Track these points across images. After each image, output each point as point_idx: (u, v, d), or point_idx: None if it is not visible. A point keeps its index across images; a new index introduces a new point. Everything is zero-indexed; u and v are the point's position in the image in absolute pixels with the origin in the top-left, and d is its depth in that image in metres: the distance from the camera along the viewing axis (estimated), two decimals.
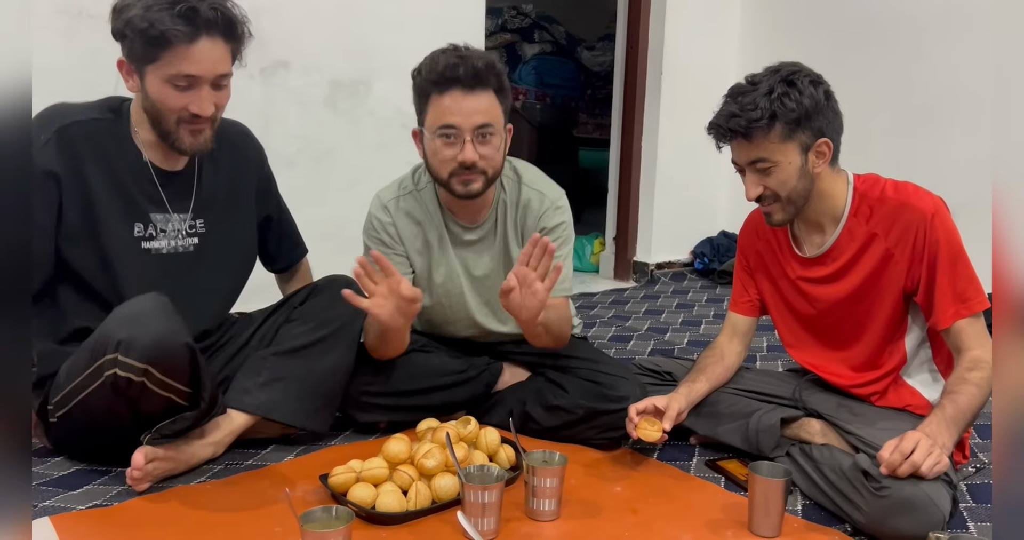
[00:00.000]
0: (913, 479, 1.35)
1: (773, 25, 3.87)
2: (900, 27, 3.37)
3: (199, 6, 1.44)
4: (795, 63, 1.55)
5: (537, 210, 1.81)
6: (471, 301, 1.88)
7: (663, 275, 3.90)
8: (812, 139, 1.51)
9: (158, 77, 1.48)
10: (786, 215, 1.58)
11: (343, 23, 2.77)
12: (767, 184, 1.54)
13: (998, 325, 1.02)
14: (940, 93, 3.25)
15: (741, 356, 1.82)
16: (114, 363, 1.40)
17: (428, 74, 1.64)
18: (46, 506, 1.47)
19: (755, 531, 1.42)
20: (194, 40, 1.45)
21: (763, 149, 1.51)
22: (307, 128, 2.75)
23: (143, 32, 1.43)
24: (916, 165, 3.35)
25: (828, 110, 1.52)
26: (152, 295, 1.48)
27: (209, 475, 1.62)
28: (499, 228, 1.84)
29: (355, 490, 1.45)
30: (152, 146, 1.60)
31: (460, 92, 1.62)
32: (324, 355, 1.72)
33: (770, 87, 1.49)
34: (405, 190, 1.85)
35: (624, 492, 1.59)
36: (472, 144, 1.65)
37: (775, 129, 1.49)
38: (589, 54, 5.48)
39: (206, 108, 1.51)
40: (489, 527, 1.37)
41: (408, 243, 1.83)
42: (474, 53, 1.65)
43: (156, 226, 1.62)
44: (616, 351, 2.66)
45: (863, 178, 1.62)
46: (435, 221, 1.84)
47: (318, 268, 2.72)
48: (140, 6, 1.43)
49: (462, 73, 1.61)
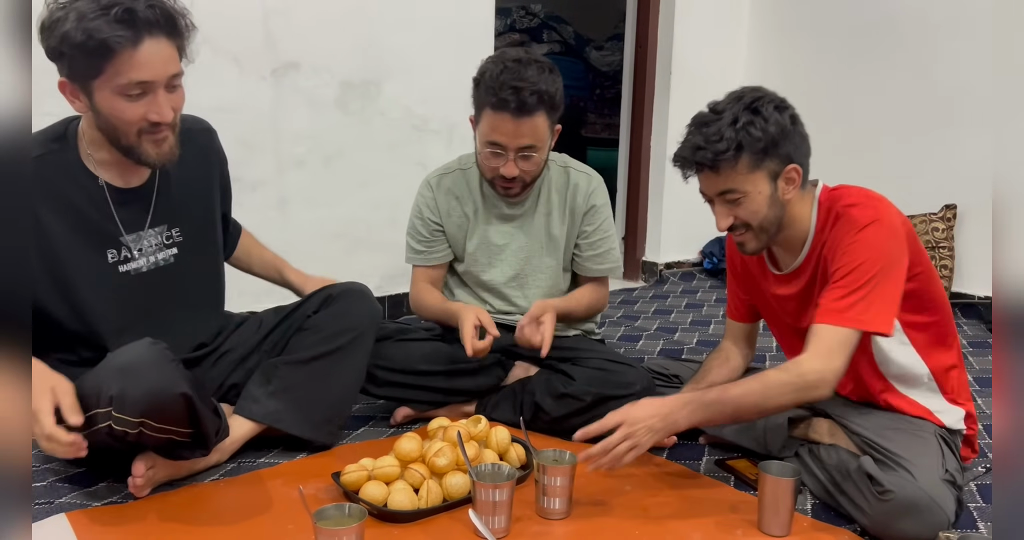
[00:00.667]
0: (914, 480, 1.36)
1: (782, 24, 3.87)
2: (911, 28, 3.36)
3: (134, 6, 1.33)
4: (757, 88, 1.51)
5: (586, 189, 1.96)
6: (501, 272, 1.99)
7: (672, 275, 3.90)
8: (780, 166, 1.47)
9: (107, 91, 1.37)
10: (759, 244, 1.54)
11: (354, 24, 2.78)
12: (737, 214, 1.50)
13: (998, 326, 1.02)
14: (951, 95, 3.24)
15: (748, 358, 1.82)
16: (108, 416, 1.36)
17: (486, 90, 1.74)
18: (62, 503, 1.49)
19: (765, 530, 1.43)
20: (138, 44, 1.34)
21: (731, 180, 1.46)
22: (317, 129, 2.76)
23: (82, 45, 1.32)
24: (928, 167, 3.35)
25: (795, 135, 1.48)
26: (145, 342, 1.40)
27: (222, 473, 1.63)
28: (540, 206, 1.96)
29: (367, 488, 1.46)
30: (109, 166, 1.51)
31: (510, 117, 1.73)
32: (335, 367, 1.72)
33: (734, 116, 1.44)
34: (450, 169, 2.00)
35: (634, 491, 1.59)
36: (515, 161, 1.79)
37: (742, 160, 1.44)
38: (598, 54, 5.48)
39: (166, 114, 1.41)
40: (500, 525, 1.38)
41: (445, 216, 1.97)
42: (531, 82, 1.71)
43: (129, 247, 1.55)
44: (625, 351, 2.66)
45: (829, 193, 1.57)
46: (475, 197, 1.96)
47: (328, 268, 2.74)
48: (72, 19, 1.31)
49: (514, 105, 1.71)
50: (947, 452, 1.48)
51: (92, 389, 1.37)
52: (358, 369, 1.77)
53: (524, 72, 1.71)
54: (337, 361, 1.72)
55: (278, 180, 2.67)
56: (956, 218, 3.25)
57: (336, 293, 1.77)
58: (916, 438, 1.49)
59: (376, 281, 2.86)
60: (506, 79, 1.70)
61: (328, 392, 1.72)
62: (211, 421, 1.49)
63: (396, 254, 2.95)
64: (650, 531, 1.44)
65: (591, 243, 1.97)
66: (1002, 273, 1.03)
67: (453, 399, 1.93)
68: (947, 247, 3.23)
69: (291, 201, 2.71)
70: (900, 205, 1.55)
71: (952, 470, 1.43)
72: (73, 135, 1.50)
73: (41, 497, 1.51)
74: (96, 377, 1.37)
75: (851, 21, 3.57)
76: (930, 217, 3.25)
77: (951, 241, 3.24)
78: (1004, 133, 1.06)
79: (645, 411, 1.44)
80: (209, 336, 1.75)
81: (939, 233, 3.23)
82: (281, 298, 1.95)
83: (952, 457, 1.48)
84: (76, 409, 1.33)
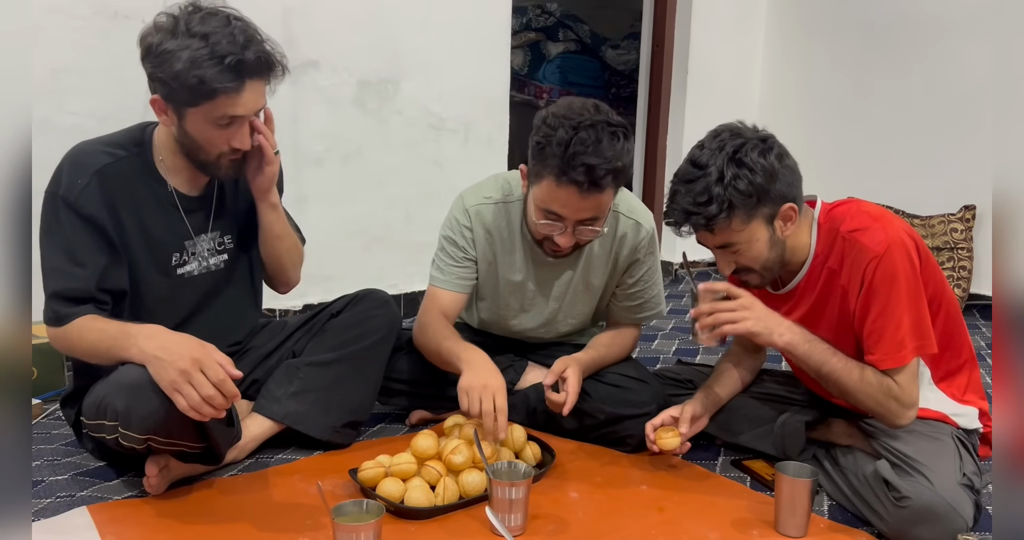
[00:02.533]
0: (931, 486, 1.35)
1: (799, 23, 3.85)
2: (928, 26, 3.34)
3: (245, 56, 1.40)
4: (736, 131, 1.45)
5: (633, 241, 1.80)
6: (532, 318, 1.89)
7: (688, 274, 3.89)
8: (775, 208, 1.45)
9: (200, 119, 1.45)
10: (764, 280, 1.55)
11: (372, 23, 2.79)
12: (739, 262, 1.50)
13: (998, 326, 1.02)
14: (969, 92, 3.22)
15: (760, 360, 1.82)
16: (115, 430, 1.39)
17: (552, 158, 1.52)
18: (83, 496, 1.51)
19: (781, 531, 1.42)
20: (241, 90, 1.43)
21: (727, 236, 1.45)
22: (335, 127, 2.77)
23: (191, 86, 1.39)
24: (947, 167, 3.32)
25: (783, 173, 1.44)
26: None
27: (240, 469, 1.65)
28: (584, 255, 1.81)
29: (384, 485, 1.47)
30: (178, 173, 1.57)
31: (575, 192, 1.53)
32: (356, 371, 1.75)
33: (720, 173, 1.40)
34: (489, 200, 1.80)
35: (650, 491, 1.59)
36: (571, 234, 1.62)
37: (736, 217, 1.42)
38: (613, 53, 5.47)
39: (248, 143, 1.51)
40: (516, 523, 1.39)
41: (480, 249, 1.82)
42: (603, 159, 1.50)
43: (188, 251, 1.61)
44: (640, 350, 2.66)
45: (828, 210, 1.54)
46: (514, 237, 1.81)
47: (344, 266, 2.76)
48: (186, 59, 1.37)
49: (585, 186, 1.51)
50: (964, 454, 1.47)
51: (101, 402, 1.40)
52: (377, 374, 1.80)
53: (599, 145, 1.50)
54: (357, 365, 1.75)
55: (296, 178, 2.68)
56: (975, 219, 3.22)
57: (359, 298, 1.81)
58: (933, 441, 1.48)
59: (392, 279, 2.88)
60: (579, 152, 1.49)
61: (348, 395, 1.74)
62: (223, 435, 1.51)
63: (412, 252, 2.98)
64: (666, 531, 1.44)
65: (630, 294, 1.86)
66: (1002, 274, 1.03)
67: None
68: (966, 248, 3.21)
69: (309, 199, 2.73)
70: (918, 206, 1.54)
71: (970, 473, 1.42)
72: (149, 141, 1.56)
73: (63, 490, 1.53)
74: (106, 390, 1.40)
75: (868, 20, 3.55)
76: (949, 218, 3.22)
77: (970, 242, 3.21)
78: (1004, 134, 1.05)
79: (765, 309, 1.48)
80: (244, 335, 1.79)
81: (958, 234, 3.21)
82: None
83: (970, 459, 1.47)
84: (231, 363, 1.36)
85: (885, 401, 1.45)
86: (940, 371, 1.58)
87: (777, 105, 3.86)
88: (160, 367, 1.32)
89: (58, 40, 2.24)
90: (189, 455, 1.51)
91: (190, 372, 1.31)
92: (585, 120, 1.52)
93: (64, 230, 1.45)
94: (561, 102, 1.60)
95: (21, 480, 0.94)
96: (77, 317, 1.43)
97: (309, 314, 1.86)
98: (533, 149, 1.57)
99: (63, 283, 1.44)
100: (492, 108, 3.12)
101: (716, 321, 1.46)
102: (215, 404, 1.32)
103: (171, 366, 1.32)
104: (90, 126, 2.28)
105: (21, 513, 0.93)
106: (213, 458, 1.55)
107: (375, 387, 1.81)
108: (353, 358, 1.74)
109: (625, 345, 1.89)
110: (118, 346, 1.39)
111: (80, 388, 1.55)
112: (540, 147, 1.55)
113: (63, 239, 1.45)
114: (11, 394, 0.94)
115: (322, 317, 1.83)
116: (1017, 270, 1.00)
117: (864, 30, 3.57)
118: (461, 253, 1.81)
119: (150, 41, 1.41)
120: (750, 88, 3.96)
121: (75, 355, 1.51)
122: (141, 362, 1.35)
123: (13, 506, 0.92)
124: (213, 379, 1.32)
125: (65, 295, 1.44)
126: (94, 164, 1.48)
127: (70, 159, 1.49)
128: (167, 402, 1.33)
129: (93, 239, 1.47)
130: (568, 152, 1.49)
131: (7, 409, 0.93)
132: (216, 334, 1.57)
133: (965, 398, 1.58)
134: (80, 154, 1.50)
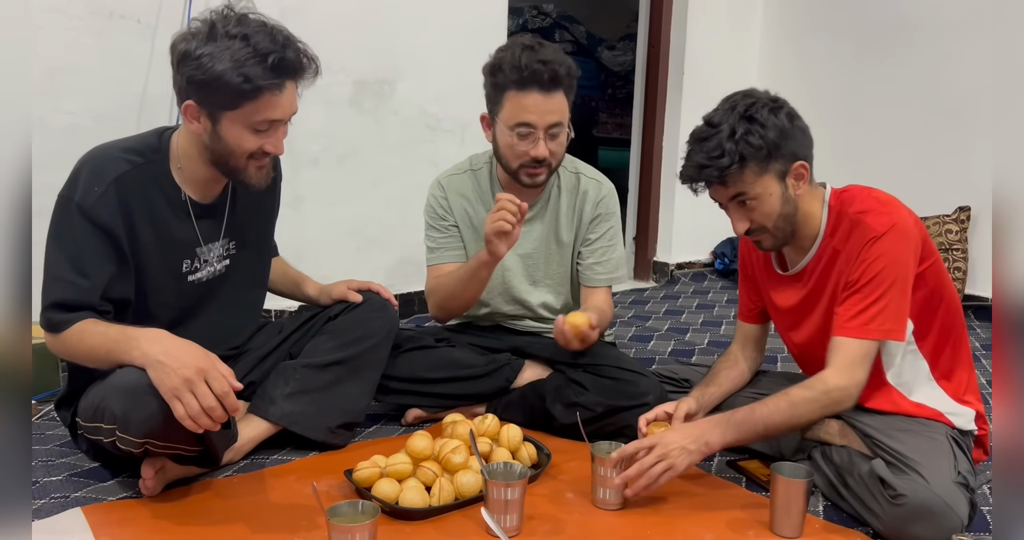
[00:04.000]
0: (927, 484, 1.36)
1: (795, 24, 3.86)
2: (924, 27, 3.35)
3: (287, 55, 1.42)
4: (748, 93, 1.51)
5: (595, 197, 1.95)
6: (514, 276, 1.98)
7: (683, 275, 3.90)
8: (787, 165, 1.48)
9: (239, 123, 1.44)
10: (776, 242, 1.56)
11: (368, 23, 2.79)
12: (752, 218, 1.51)
13: (998, 327, 1.02)
14: (964, 93, 3.23)
15: (757, 361, 1.83)
16: (112, 433, 1.38)
17: (510, 72, 1.72)
18: (77, 497, 1.51)
19: (776, 531, 1.43)
20: (283, 89, 1.44)
21: (740, 187, 1.48)
22: (332, 127, 2.77)
23: (235, 86, 1.38)
24: (942, 168, 3.33)
25: (795, 132, 1.48)
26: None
27: (235, 469, 1.64)
28: (550, 210, 1.95)
29: (379, 485, 1.47)
30: (193, 180, 1.56)
31: (539, 93, 1.73)
32: (353, 373, 1.75)
33: (731, 129, 1.45)
34: (460, 169, 1.99)
35: (645, 491, 1.59)
36: (544, 141, 1.77)
37: (748, 169, 1.45)
38: (610, 54, 5.48)
39: (282, 147, 1.51)
40: (512, 523, 1.39)
41: (459, 217, 1.96)
42: (554, 58, 1.73)
43: (200, 258, 1.62)
44: (636, 351, 2.66)
45: (838, 193, 1.58)
46: (485, 198, 1.95)
47: (340, 266, 2.75)
48: (227, 59, 1.37)
49: (545, 77, 1.71)
50: (959, 454, 1.48)
51: (98, 405, 1.39)
52: (374, 377, 1.80)
53: (543, 52, 1.73)
54: (353, 368, 1.75)
55: (293, 178, 2.67)
56: (970, 221, 3.23)
57: (356, 301, 1.82)
58: (927, 440, 1.48)
59: (387, 279, 2.88)
60: (529, 57, 1.71)
61: (343, 397, 1.74)
62: (220, 438, 1.50)
63: (408, 252, 2.97)
64: (661, 531, 1.44)
65: (592, 250, 1.95)
66: (1002, 274, 1.03)
67: (462, 403, 1.93)
68: (960, 249, 3.22)
69: (305, 199, 2.73)
70: (913, 207, 1.55)
71: (964, 472, 1.43)
72: (166, 147, 1.55)
73: (57, 491, 1.53)
74: (103, 393, 1.39)
75: (864, 22, 3.56)
76: (944, 219, 3.24)
77: (965, 243, 3.22)
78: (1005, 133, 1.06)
79: (678, 434, 1.48)
80: (244, 339, 1.79)
81: (952, 235, 3.22)
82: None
83: (964, 459, 1.48)
84: (233, 375, 1.35)
85: (826, 402, 1.47)
86: (941, 367, 1.58)
87: None
88: (162, 372, 1.31)
89: (54, 39, 2.24)
90: (186, 457, 1.50)
91: (194, 381, 1.30)
92: (526, 41, 1.76)
93: (74, 237, 1.43)
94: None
95: (21, 481, 0.94)
96: (75, 322, 1.42)
97: (306, 315, 1.86)
98: (489, 78, 1.79)
99: (64, 293, 1.43)
100: None
101: (651, 479, 1.45)
102: (215, 416, 1.31)
103: (174, 372, 1.30)
104: (86, 125, 2.28)
105: (21, 514, 0.93)
106: (210, 460, 1.54)
107: (371, 389, 1.81)
108: (350, 361, 1.74)
109: (604, 312, 1.91)
110: (119, 349, 1.37)
111: (75, 390, 1.54)
112: (495, 69, 1.76)
113: (72, 246, 1.43)
114: (11, 395, 0.94)
115: (319, 319, 1.83)
116: (1017, 270, 1.00)
117: (859, 31, 3.58)
118: (443, 222, 1.96)
119: (185, 48, 1.40)
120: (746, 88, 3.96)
121: (74, 360, 1.49)
122: (142, 365, 1.34)
123: (13, 506, 0.91)
124: (217, 390, 1.31)
125: (64, 304, 1.43)
126: (112, 171, 1.46)
127: (89, 165, 1.46)
128: (165, 406, 1.32)
129: (103, 248, 1.45)
130: (522, 61, 1.71)
131: (7, 410, 0.93)
132: (216, 337, 1.57)
133: (965, 398, 1.58)
134: (99, 160, 1.47)
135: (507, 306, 2.01)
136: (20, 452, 0.94)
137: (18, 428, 0.95)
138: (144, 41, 2.36)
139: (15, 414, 0.94)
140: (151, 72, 2.39)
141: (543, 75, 1.71)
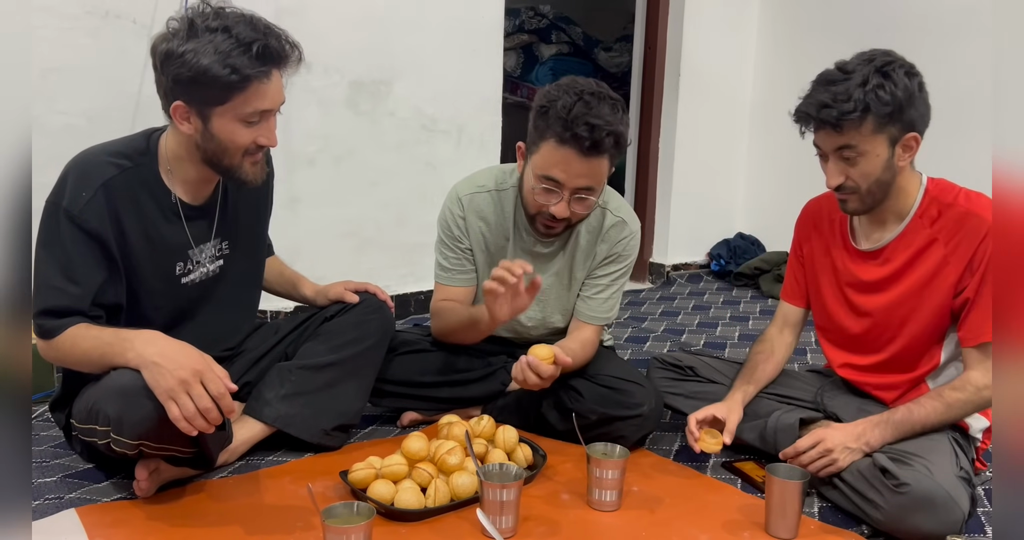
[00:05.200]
0: (931, 475, 1.36)
1: (792, 26, 3.86)
2: (921, 28, 3.35)
3: (270, 42, 1.41)
4: (888, 52, 1.49)
5: (615, 237, 1.83)
6: (526, 314, 1.86)
7: (679, 277, 3.90)
8: (902, 133, 1.47)
9: (229, 118, 1.43)
10: (863, 206, 1.54)
11: (364, 25, 2.79)
12: (850, 174, 1.49)
13: (999, 328, 1.02)
14: (961, 95, 3.23)
15: (791, 348, 1.82)
16: (107, 435, 1.38)
17: (554, 122, 1.58)
18: (72, 498, 1.50)
19: (772, 532, 1.43)
20: (270, 77, 1.43)
21: (852, 138, 1.45)
22: (328, 128, 2.77)
23: (222, 78, 1.38)
24: (935, 166, 3.32)
25: (920, 102, 1.48)
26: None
27: (230, 471, 1.64)
28: (570, 246, 1.84)
29: (375, 487, 1.47)
30: (183, 182, 1.55)
31: (575, 154, 1.58)
32: (348, 375, 1.74)
33: (864, 77, 1.43)
34: (483, 188, 1.85)
35: (641, 492, 1.60)
36: (568, 202, 1.65)
37: (867, 122, 1.44)
38: (606, 55, 5.48)
39: (275, 139, 1.50)
40: (507, 525, 1.39)
41: (474, 240, 1.85)
42: (605, 123, 1.57)
43: (193, 260, 1.60)
44: (632, 352, 2.66)
45: (936, 182, 1.58)
46: (507, 225, 1.84)
47: (336, 267, 2.75)
48: (211, 52, 1.36)
49: (587, 144, 1.57)
50: (959, 452, 1.49)
51: (92, 407, 1.38)
52: (369, 379, 1.80)
53: (601, 109, 1.57)
54: (349, 369, 1.74)
55: (289, 179, 2.68)
56: None
57: (353, 302, 1.81)
58: (929, 438, 1.50)
59: (384, 281, 2.87)
60: (581, 113, 1.55)
61: (339, 399, 1.73)
62: (214, 440, 1.49)
63: (404, 253, 2.97)
64: (657, 532, 1.44)
65: (594, 283, 1.84)
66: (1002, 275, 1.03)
67: (457, 407, 1.92)
68: None
69: (301, 200, 2.72)
70: None
71: (966, 468, 1.44)
72: (155, 150, 1.53)
73: (51, 492, 1.52)
74: (97, 395, 1.38)
75: (860, 23, 3.57)
76: None
77: None
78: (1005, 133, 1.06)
79: (841, 433, 1.52)
80: (239, 340, 1.78)
81: None
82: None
83: (964, 457, 1.49)
84: (228, 376, 1.34)
85: (979, 401, 1.50)
86: None
87: (769, 107, 3.87)
88: (158, 373, 1.31)
89: (48, 39, 2.23)
90: (180, 459, 1.50)
91: (190, 382, 1.30)
92: (587, 89, 1.60)
93: (63, 244, 1.42)
94: (564, 78, 1.67)
95: (21, 482, 0.94)
96: (67, 328, 1.41)
97: (302, 317, 1.85)
98: (535, 115, 1.64)
99: (54, 300, 1.41)
100: (485, 110, 3.12)
101: (816, 468, 1.51)
102: (210, 418, 1.31)
103: (170, 374, 1.30)
104: (80, 126, 2.27)
105: (21, 515, 0.93)
106: (204, 462, 1.54)
107: (367, 391, 1.81)
108: (346, 362, 1.73)
109: (587, 355, 1.82)
110: (113, 352, 1.37)
111: (70, 391, 1.54)
112: (543, 111, 1.61)
113: (61, 253, 1.42)
114: (11, 397, 0.94)
115: (315, 320, 1.82)
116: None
117: (856, 32, 3.58)
118: (459, 244, 1.84)
119: (167, 47, 1.40)
120: (742, 90, 3.97)
121: (67, 365, 1.48)
122: (137, 367, 1.33)
123: (13, 507, 0.91)
124: (213, 392, 1.31)
125: (55, 311, 1.41)
126: (100, 176, 1.44)
127: (75, 170, 1.45)
128: (160, 408, 1.31)
129: (93, 254, 1.44)
130: (571, 113, 1.56)
131: (7, 412, 0.93)
132: (209, 339, 1.56)
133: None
134: (85, 165, 1.46)
135: (510, 333, 1.96)
136: (20, 453, 0.94)
137: (18, 429, 0.94)
138: (139, 41, 2.35)
139: (15, 415, 0.94)
140: (146, 72, 2.33)
141: (585, 141, 1.56)
